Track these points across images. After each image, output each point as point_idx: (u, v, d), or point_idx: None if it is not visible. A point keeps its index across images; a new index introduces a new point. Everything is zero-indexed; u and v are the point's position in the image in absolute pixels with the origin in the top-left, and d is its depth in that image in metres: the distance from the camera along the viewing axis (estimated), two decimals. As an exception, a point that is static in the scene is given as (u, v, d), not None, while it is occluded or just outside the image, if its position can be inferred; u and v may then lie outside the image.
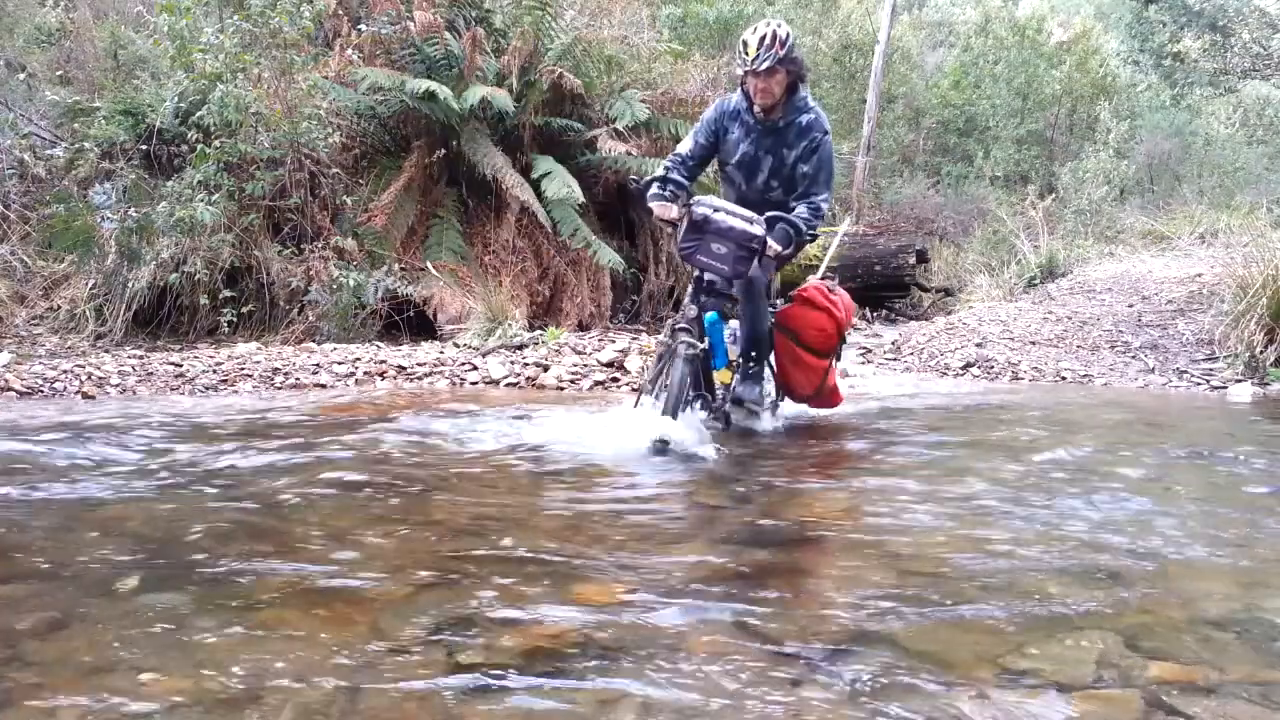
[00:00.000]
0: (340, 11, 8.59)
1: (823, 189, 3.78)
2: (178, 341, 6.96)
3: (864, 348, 7.64)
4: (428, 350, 6.36)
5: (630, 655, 1.55)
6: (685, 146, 3.92)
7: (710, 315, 3.76)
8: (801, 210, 3.67)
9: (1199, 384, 5.89)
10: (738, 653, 1.56)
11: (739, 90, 3.82)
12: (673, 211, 3.70)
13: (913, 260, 11.33)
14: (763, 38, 3.58)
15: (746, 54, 3.59)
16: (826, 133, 3.79)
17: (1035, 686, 1.44)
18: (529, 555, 2.14)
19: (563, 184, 7.92)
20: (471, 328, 6.84)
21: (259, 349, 6.24)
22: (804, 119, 3.75)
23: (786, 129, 3.75)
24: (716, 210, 3.59)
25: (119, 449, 3.32)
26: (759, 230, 3.53)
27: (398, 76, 8.02)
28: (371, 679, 1.45)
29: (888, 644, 1.61)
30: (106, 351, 6.17)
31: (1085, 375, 6.22)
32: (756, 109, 3.75)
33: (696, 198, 3.72)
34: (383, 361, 5.76)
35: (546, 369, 5.68)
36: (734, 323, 3.90)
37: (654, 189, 3.73)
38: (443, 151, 8.21)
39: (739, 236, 3.53)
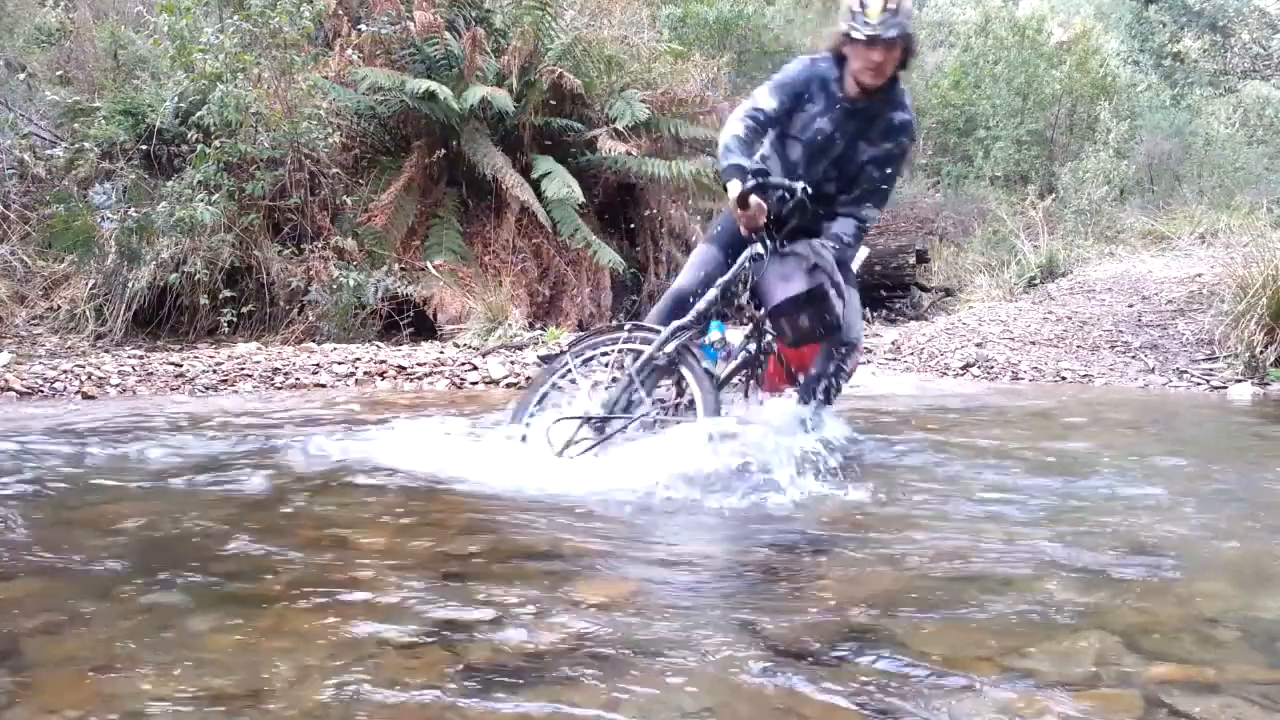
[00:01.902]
0: (340, 11, 8.59)
1: (881, 205, 3.26)
2: (178, 341, 6.96)
3: (864, 348, 7.64)
4: (428, 350, 6.36)
5: (631, 655, 1.54)
6: (769, 103, 3.16)
7: (718, 323, 3.23)
8: (848, 228, 3.16)
9: (1199, 384, 5.89)
10: (739, 653, 1.56)
11: (824, 56, 3.17)
12: (764, 217, 3.02)
13: (913, 260, 11.34)
14: (885, 1, 2.90)
15: (866, 15, 2.90)
16: (914, 140, 3.28)
17: (1035, 686, 1.44)
18: (527, 555, 2.14)
19: (563, 184, 7.93)
20: (471, 328, 6.84)
21: (259, 349, 6.25)
22: (899, 117, 3.14)
23: (875, 120, 3.12)
24: (833, 271, 2.96)
25: (117, 447, 3.31)
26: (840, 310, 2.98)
27: (398, 76, 8.03)
28: (373, 679, 1.44)
29: (888, 643, 1.61)
30: (106, 351, 6.17)
31: (1085, 375, 6.22)
32: (851, 86, 3.09)
33: (820, 244, 2.98)
34: (383, 361, 5.76)
35: (546, 369, 5.68)
36: (731, 334, 3.38)
37: (751, 179, 2.97)
38: (443, 151, 8.21)
39: (831, 313, 2.93)
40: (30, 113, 7.91)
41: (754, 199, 2.97)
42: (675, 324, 3.04)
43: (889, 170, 3.20)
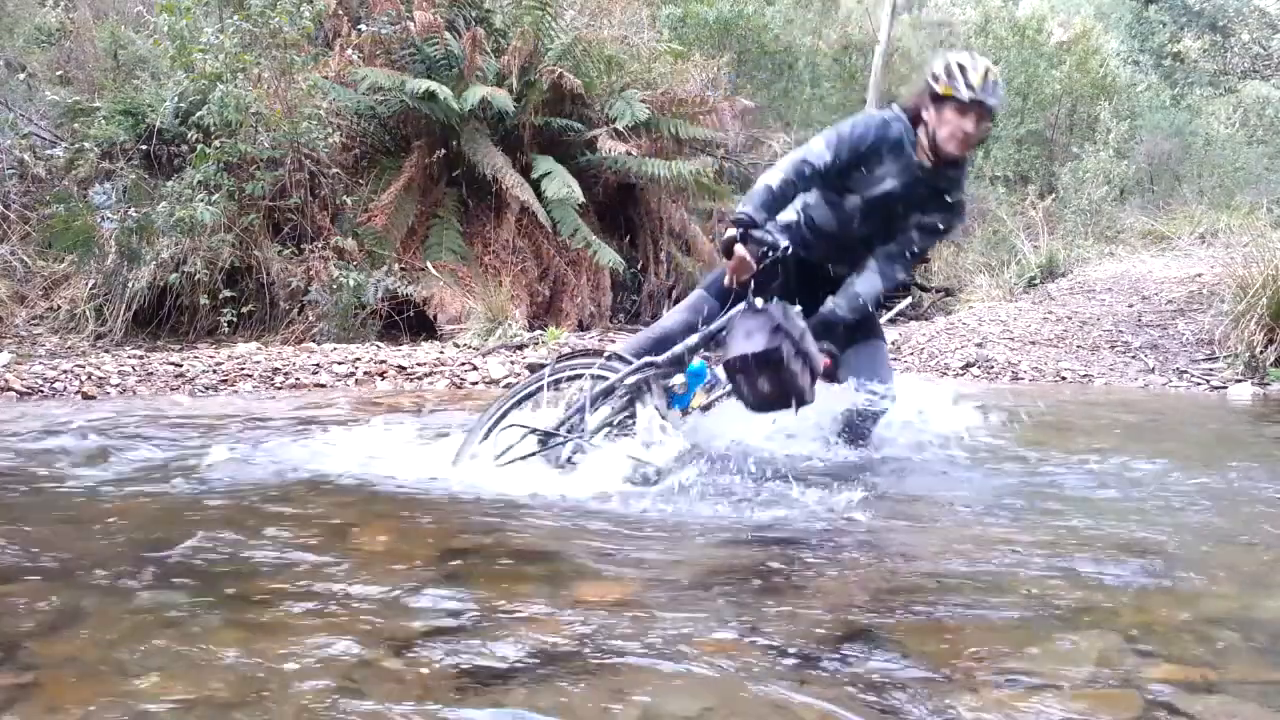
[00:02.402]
0: (340, 11, 8.61)
1: (912, 266, 3.16)
2: (178, 341, 6.97)
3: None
4: (428, 350, 6.37)
5: (627, 656, 1.54)
6: (823, 157, 2.95)
7: (699, 364, 3.06)
8: (873, 288, 3.04)
9: (1199, 384, 5.89)
10: (738, 652, 1.56)
11: (896, 115, 2.99)
12: (747, 272, 2.90)
13: (913, 260, 11.31)
14: (988, 70, 2.77)
15: (970, 79, 2.76)
16: (963, 221, 3.23)
17: (1035, 687, 1.44)
18: (518, 557, 2.14)
19: (563, 184, 7.94)
20: (471, 328, 6.85)
21: (259, 349, 6.25)
22: (957, 195, 3.03)
23: (938, 191, 2.98)
24: (801, 339, 2.80)
25: (117, 447, 3.31)
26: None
27: (398, 76, 8.03)
28: (372, 678, 1.45)
29: (888, 644, 1.60)
30: (106, 351, 6.17)
31: (1085, 375, 6.22)
32: (924, 152, 2.92)
33: (792, 319, 2.83)
34: (383, 361, 5.76)
35: (546, 369, 5.68)
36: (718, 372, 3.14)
37: (738, 229, 2.83)
38: (443, 151, 8.22)
39: (793, 384, 2.78)
40: (30, 113, 7.92)
41: (739, 249, 2.85)
42: (646, 359, 2.99)
43: (934, 240, 3.12)
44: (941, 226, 3.07)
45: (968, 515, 2.56)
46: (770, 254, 2.89)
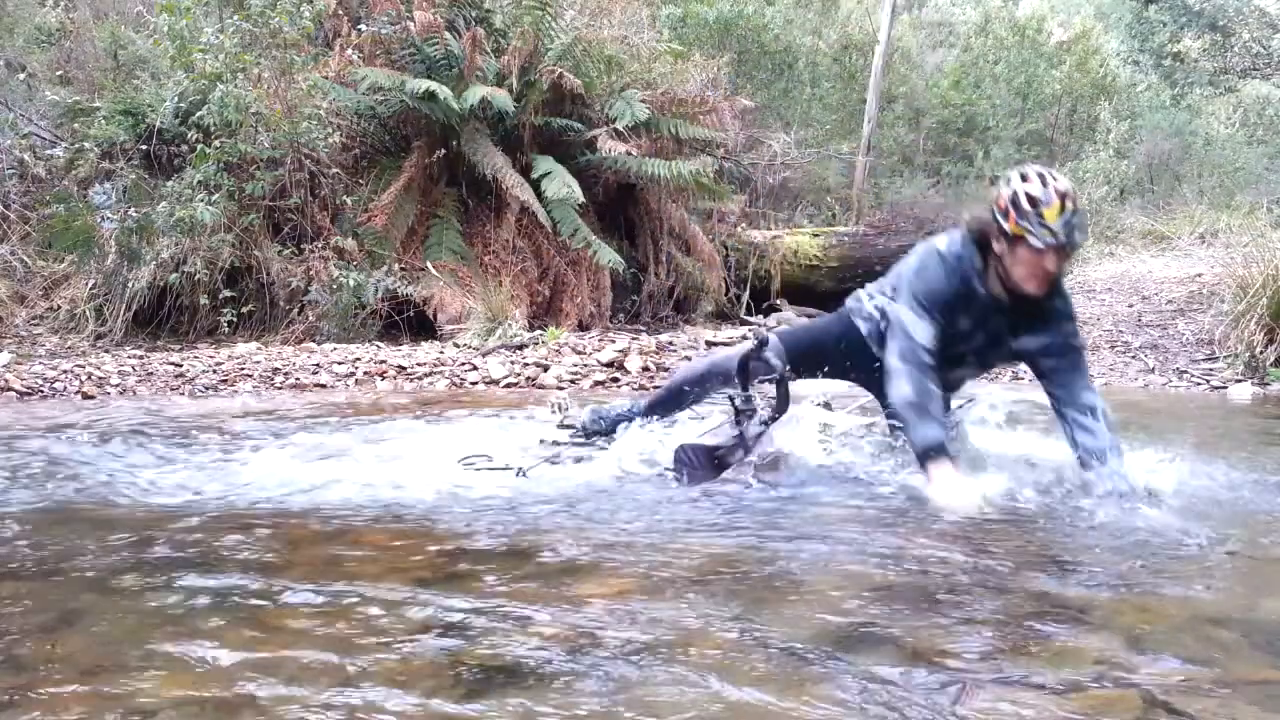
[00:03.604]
0: (340, 11, 8.61)
1: (1087, 375, 2.82)
2: (178, 341, 6.97)
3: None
4: (428, 350, 6.37)
5: (631, 654, 1.54)
6: (927, 334, 2.68)
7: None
8: (1105, 427, 2.72)
9: (1199, 384, 5.89)
10: (738, 652, 1.56)
11: (959, 241, 2.70)
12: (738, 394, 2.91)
13: (913, 260, 11.32)
14: (1064, 196, 2.44)
15: (1044, 217, 2.42)
16: (1075, 322, 2.81)
17: (1035, 686, 1.44)
18: (527, 551, 2.14)
19: (563, 184, 7.93)
20: (471, 328, 6.85)
21: (259, 349, 6.26)
22: (1055, 302, 2.69)
23: (1027, 308, 2.68)
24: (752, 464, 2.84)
25: (115, 447, 3.32)
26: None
27: (398, 76, 8.03)
28: (371, 683, 1.45)
29: (888, 644, 1.60)
30: (106, 351, 6.17)
31: (1085, 375, 6.22)
32: (996, 285, 2.65)
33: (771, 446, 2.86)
34: (383, 361, 5.76)
35: (546, 369, 5.69)
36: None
37: (944, 450, 2.61)
38: (443, 151, 8.22)
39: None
40: (30, 113, 7.92)
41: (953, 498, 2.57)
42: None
43: (1078, 350, 2.77)
44: (1065, 344, 2.74)
45: (966, 515, 2.56)
46: (770, 372, 2.88)
